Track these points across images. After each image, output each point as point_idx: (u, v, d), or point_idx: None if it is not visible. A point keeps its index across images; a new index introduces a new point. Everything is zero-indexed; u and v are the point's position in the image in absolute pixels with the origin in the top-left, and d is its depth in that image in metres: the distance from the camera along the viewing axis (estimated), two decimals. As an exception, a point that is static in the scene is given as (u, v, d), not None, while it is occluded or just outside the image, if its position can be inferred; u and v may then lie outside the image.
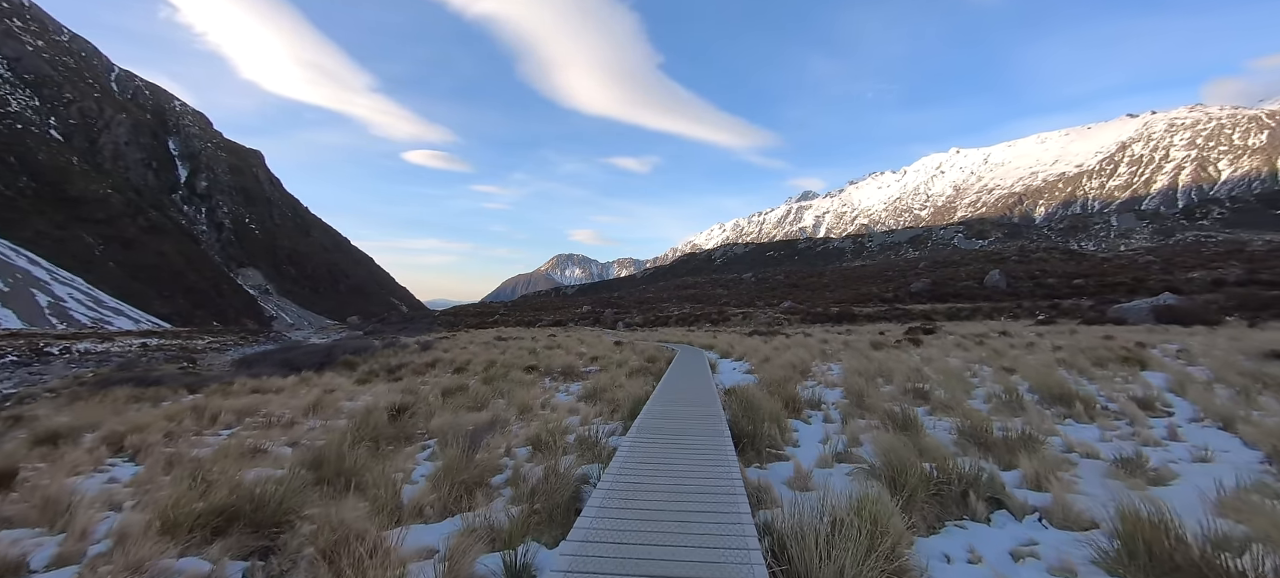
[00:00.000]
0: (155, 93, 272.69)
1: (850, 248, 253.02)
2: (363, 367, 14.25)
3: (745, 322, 50.72)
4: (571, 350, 18.18)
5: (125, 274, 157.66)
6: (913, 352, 13.64)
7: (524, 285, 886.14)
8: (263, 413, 6.68)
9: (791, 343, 17.90)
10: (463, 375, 11.33)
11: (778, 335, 23.47)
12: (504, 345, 21.37)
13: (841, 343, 16.94)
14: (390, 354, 16.95)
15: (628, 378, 9.69)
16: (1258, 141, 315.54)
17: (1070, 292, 54.93)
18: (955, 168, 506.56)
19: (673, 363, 12.91)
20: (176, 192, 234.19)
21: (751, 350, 15.89)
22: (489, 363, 12.64)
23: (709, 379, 9.18)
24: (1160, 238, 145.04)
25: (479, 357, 15.09)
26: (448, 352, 17.96)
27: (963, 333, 19.79)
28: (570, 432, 5.36)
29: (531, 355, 15.83)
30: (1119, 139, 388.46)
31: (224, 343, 78.90)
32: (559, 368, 12.10)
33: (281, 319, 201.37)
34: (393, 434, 5.12)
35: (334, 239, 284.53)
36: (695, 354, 16.50)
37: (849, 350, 14.05)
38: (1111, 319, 21.54)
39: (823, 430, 5.48)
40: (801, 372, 9.94)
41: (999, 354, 11.99)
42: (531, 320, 64.94)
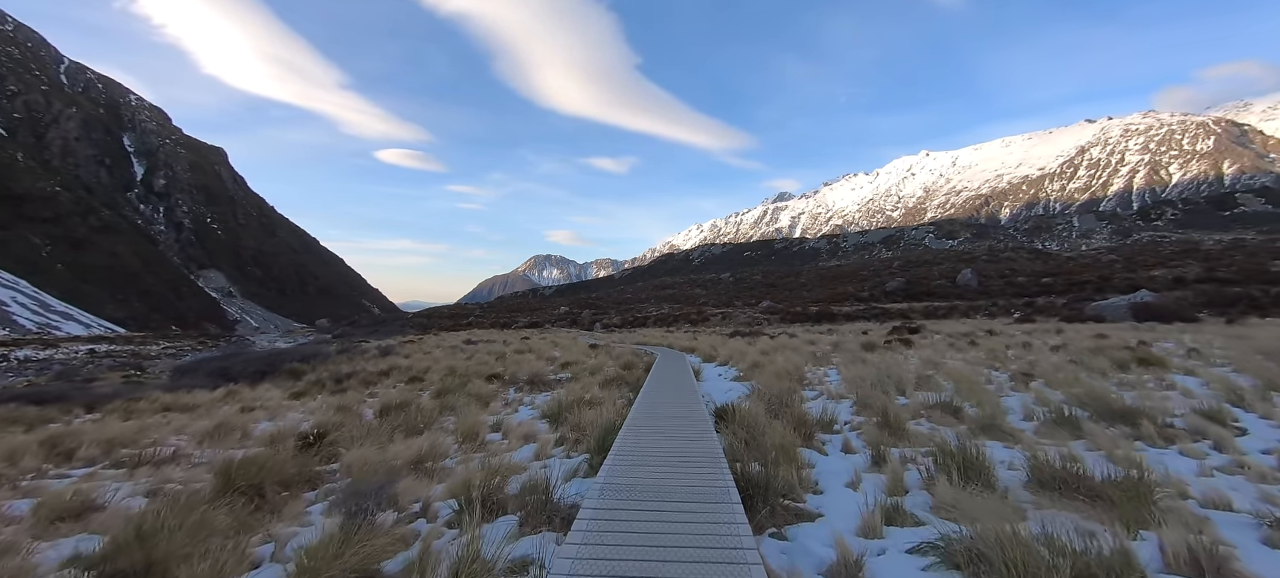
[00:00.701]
0: (109, 86, 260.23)
1: (825, 248, 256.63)
2: (309, 376, 12.75)
3: (725, 322, 50.04)
4: (543, 355, 16.93)
5: (75, 276, 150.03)
6: (905, 353, 12.84)
7: (501, 287, 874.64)
8: (146, 443, 5.32)
9: (777, 344, 17.00)
10: (416, 386, 10.03)
11: (760, 336, 22.62)
12: (471, 350, 19.94)
13: (830, 344, 16.05)
14: (343, 361, 15.43)
15: (601, 388, 8.54)
16: (1205, 146, 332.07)
17: (1039, 290, 55.99)
18: (925, 170, 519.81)
19: (652, 370, 11.73)
20: (132, 190, 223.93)
21: (736, 354, 14.81)
22: (448, 371, 11.27)
23: (695, 392, 7.97)
24: (1118, 238, 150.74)
25: (440, 363, 13.71)
26: (408, 358, 16.51)
27: (948, 332, 19.24)
28: (520, 471, 4.22)
29: (498, 361, 14.53)
30: (1078, 143, 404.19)
31: (180, 348, 75.06)
32: (526, 376, 10.88)
33: (246, 322, 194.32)
34: (291, 476, 3.88)
35: (302, 239, 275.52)
36: (676, 359, 15.15)
37: (841, 353, 13.14)
38: (1090, 317, 21.41)
39: (848, 466, 4.26)
40: (797, 379, 8.95)
41: (997, 355, 11.24)
42: (507, 322, 63.16)
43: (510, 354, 16.91)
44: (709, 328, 43.81)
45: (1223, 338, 12.99)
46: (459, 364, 13.19)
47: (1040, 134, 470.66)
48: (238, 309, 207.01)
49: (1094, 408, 4.96)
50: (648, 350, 19.39)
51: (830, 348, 14.59)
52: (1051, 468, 3.36)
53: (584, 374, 11.11)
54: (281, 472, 3.73)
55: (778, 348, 15.71)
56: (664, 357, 15.80)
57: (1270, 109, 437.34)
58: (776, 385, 7.23)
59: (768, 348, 15.50)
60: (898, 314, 35.95)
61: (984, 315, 31.21)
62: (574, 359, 14.80)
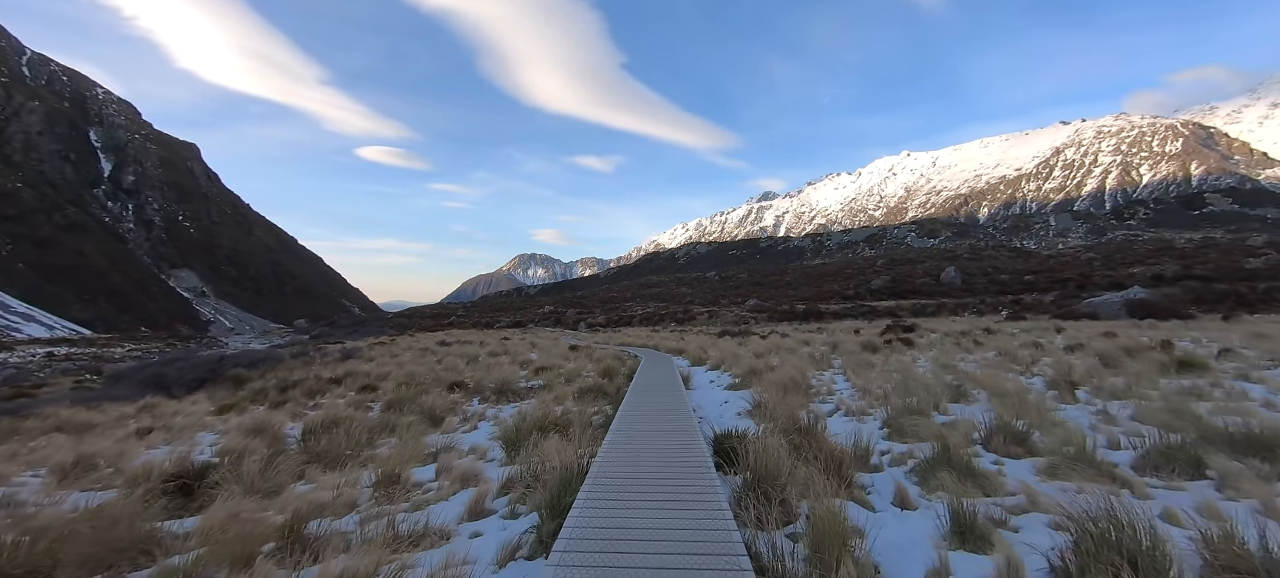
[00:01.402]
0: (74, 79, 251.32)
1: (810, 247, 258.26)
2: (254, 384, 11.37)
3: (711, 321, 49.17)
4: (518, 357, 15.68)
5: (39, 276, 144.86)
6: (909, 354, 11.89)
7: (485, 286, 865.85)
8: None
9: (770, 345, 15.97)
10: (368, 397, 8.77)
11: (750, 336, 21.61)
12: (443, 353, 18.57)
13: (826, 345, 15.02)
14: (297, 367, 14.01)
15: (576, 400, 7.40)
16: (1174, 148, 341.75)
17: (1022, 288, 56.24)
18: (906, 170, 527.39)
19: (636, 378, 10.51)
20: (99, 186, 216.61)
21: (728, 356, 13.56)
22: (405, 380, 9.97)
23: (685, 409, 6.57)
24: (1093, 236, 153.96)
25: (404, 368, 12.39)
26: (371, 361, 15.13)
27: (945, 331, 18.41)
28: (441, 541, 3.00)
29: (468, 366, 13.26)
30: (1053, 145, 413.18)
31: (146, 350, 72.15)
32: (493, 384, 9.64)
33: (220, 323, 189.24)
34: (122, 543, 2.67)
35: (279, 238, 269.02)
36: (662, 362, 13.85)
37: (841, 355, 12.13)
38: (1084, 314, 20.86)
39: (917, 535, 2.92)
40: (804, 390, 7.67)
41: (1013, 356, 10.30)
42: (489, 322, 61.57)
43: (484, 357, 15.62)
44: (696, 327, 42.90)
45: (1238, 335, 12.26)
46: (423, 370, 11.90)
47: (1017, 136, 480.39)
48: (211, 310, 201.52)
49: (1196, 431, 3.91)
50: (632, 353, 18.02)
51: (827, 349, 13.59)
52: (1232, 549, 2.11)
53: (559, 382, 9.94)
54: (105, 539, 2.54)
55: (771, 349, 14.79)
56: (649, 361, 14.53)
57: (1235, 112, 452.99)
58: (783, 402, 6.10)
59: (761, 349, 14.55)
60: (886, 312, 35.40)
61: (972, 313, 30.74)
62: (551, 363, 13.50)
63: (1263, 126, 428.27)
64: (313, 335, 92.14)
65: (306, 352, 17.84)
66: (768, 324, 34.77)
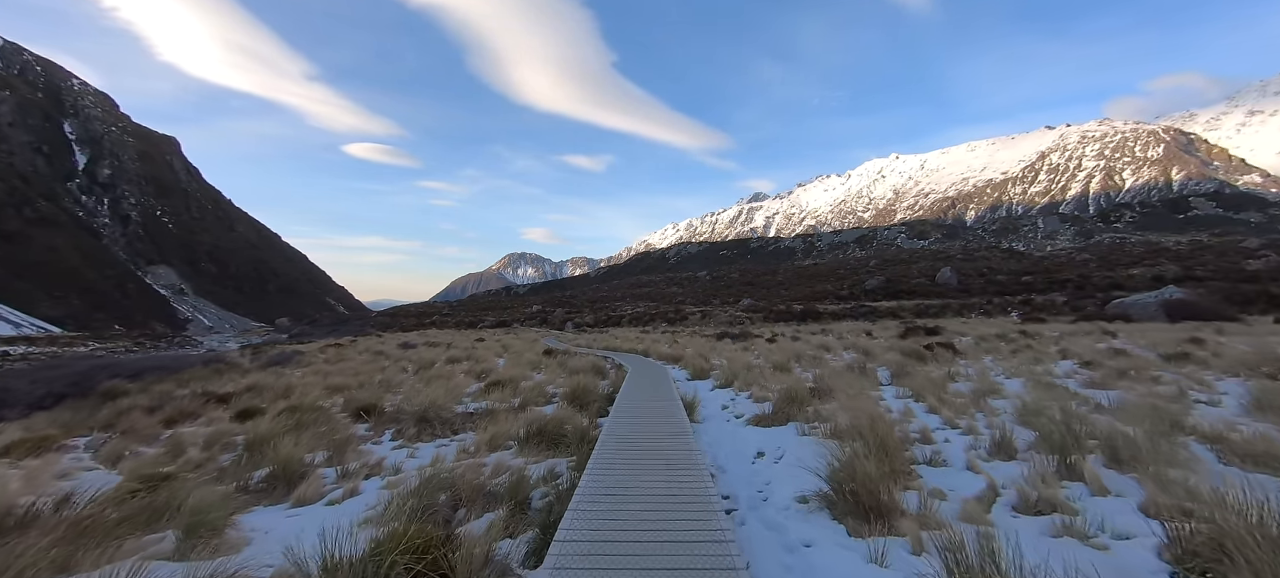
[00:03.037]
0: (49, 69, 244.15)
1: (800, 247, 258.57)
2: (123, 401, 9.37)
3: (705, 321, 47.72)
4: (482, 362, 13.82)
5: (7, 272, 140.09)
6: (962, 364, 10.24)
7: (474, 285, 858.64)
8: None
9: (780, 349, 14.27)
10: (246, 423, 6.85)
11: (752, 338, 20.00)
12: (399, 356, 16.60)
13: (858, 350, 12.98)
14: (204, 376, 12.03)
15: (520, 448, 5.49)
16: (1155, 154, 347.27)
17: (1020, 288, 55.52)
18: (895, 173, 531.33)
19: (619, 400, 7.70)
20: (73, 180, 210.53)
21: (739, 367, 10.80)
22: (289, 408, 7.23)
23: (702, 487, 3.81)
24: (1081, 239, 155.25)
25: (331, 381, 10.29)
26: (305, 368, 13.23)
27: (977, 335, 16.67)
28: None
29: (418, 374, 11.43)
30: (1039, 149, 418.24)
31: (112, 350, 69.14)
32: (418, 410, 7.09)
33: (198, 322, 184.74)
34: None
35: (262, 235, 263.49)
36: (654, 376, 10.80)
37: (881, 364, 10.29)
38: (1115, 316, 19.57)
39: None
40: (892, 448, 4.18)
41: (1121, 373, 8.04)
42: (474, 321, 59.71)
43: (439, 365, 13.51)
44: (689, 328, 41.42)
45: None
46: (354, 381, 9.98)
47: (1003, 139, 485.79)
48: (189, 307, 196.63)
49: None
50: (617, 360, 15.26)
51: (858, 355, 11.63)
52: None
53: (508, 410, 7.40)
54: None
55: (788, 356, 12.50)
56: (638, 372, 11.42)
57: (1213, 119, 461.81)
58: (879, 467, 3.49)
59: (776, 356, 12.43)
60: (887, 313, 34.19)
61: (979, 314, 29.58)
62: (512, 376, 10.68)
63: (1240, 133, 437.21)
64: (292, 334, 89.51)
65: (218, 360, 15.84)
66: (765, 325, 33.34)
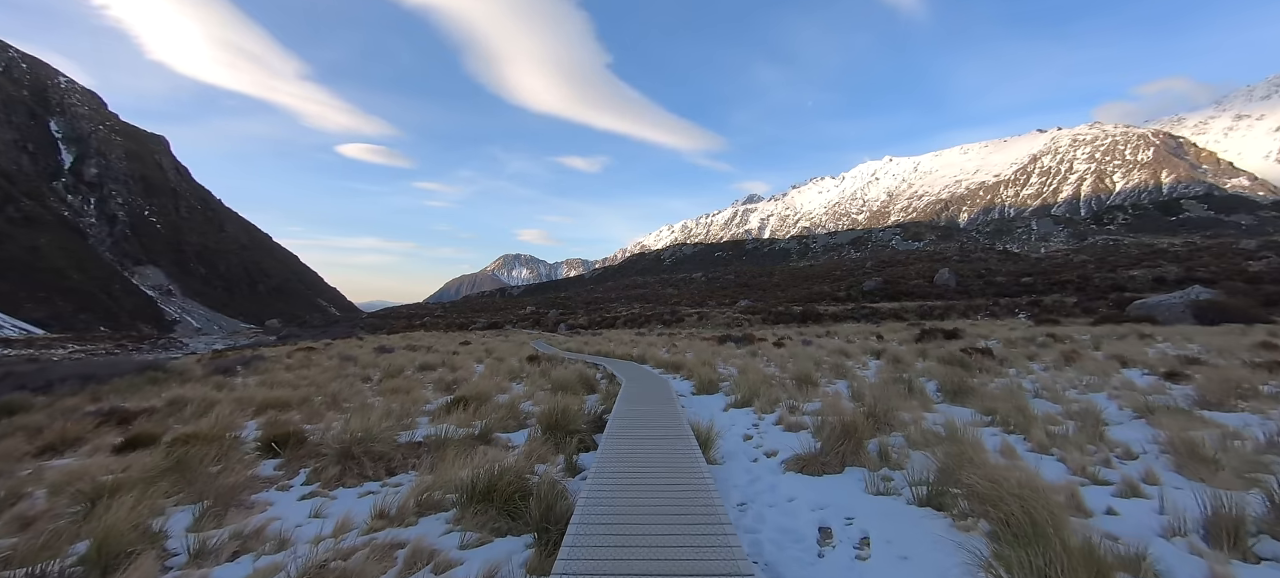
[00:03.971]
0: (34, 66, 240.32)
1: (795, 249, 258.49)
2: (19, 418, 8.17)
3: (702, 322, 46.69)
4: (457, 371, 12.61)
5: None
6: (1009, 373, 9.17)
7: (469, 286, 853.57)
8: None
9: (789, 354, 13.11)
10: (128, 456, 5.64)
11: (757, 342, 18.88)
12: (367, 362, 15.28)
13: (884, 356, 11.88)
14: (126, 386, 10.77)
15: (457, 515, 3.37)
16: (1145, 157, 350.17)
17: (1019, 289, 54.92)
18: (888, 175, 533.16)
19: (610, 428, 5.81)
20: (59, 179, 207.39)
21: (754, 379, 8.88)
22: (190, 438, 5.83)
23: None
24: (1074, 240, 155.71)
25: (273, 394, 8.86)
26: (258, 377, 12.01)
27: (1005, 338, 15.47)
28: None
29: (384, 383, 10.26)
30: (1031, 152, 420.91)
31: (91, 352, 67.30)
32: (347, 439, 5.35)
33: (186, 323, 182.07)
34: None
35: (252, 235, 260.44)
36: (654, 389, 8.75)
37: (928, 376, 9.00)
38: (1139, 318, 18.62)
39: None
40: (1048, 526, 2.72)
41: (1222, 385, 6.83)
42: (464, 323, 58.41)
43: (410, 372, 12.20)
44: (685, 329, 40.40)
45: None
46: (294, 394, 8.66)
47: (996, 142, 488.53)
48: (178, 309, 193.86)
49: None
50: (610, 369, 13.02)
51: (889, 363, 10.33)
52: None
53: (459, 447, 5.54)
54: None
55: (804, 363, 10.68)
56: (634, 384, 9.32)
57: (1202, 123, 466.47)
58: None
59: (792, 365, 10.84)
60: (890, 315, 33.31)
61: (985, 316, 28.72)
62: (481, 390, 8.76)
63: (1227, 137, 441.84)
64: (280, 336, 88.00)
65: (156, 365, 14.61)
66: (765, 327, 32.34)
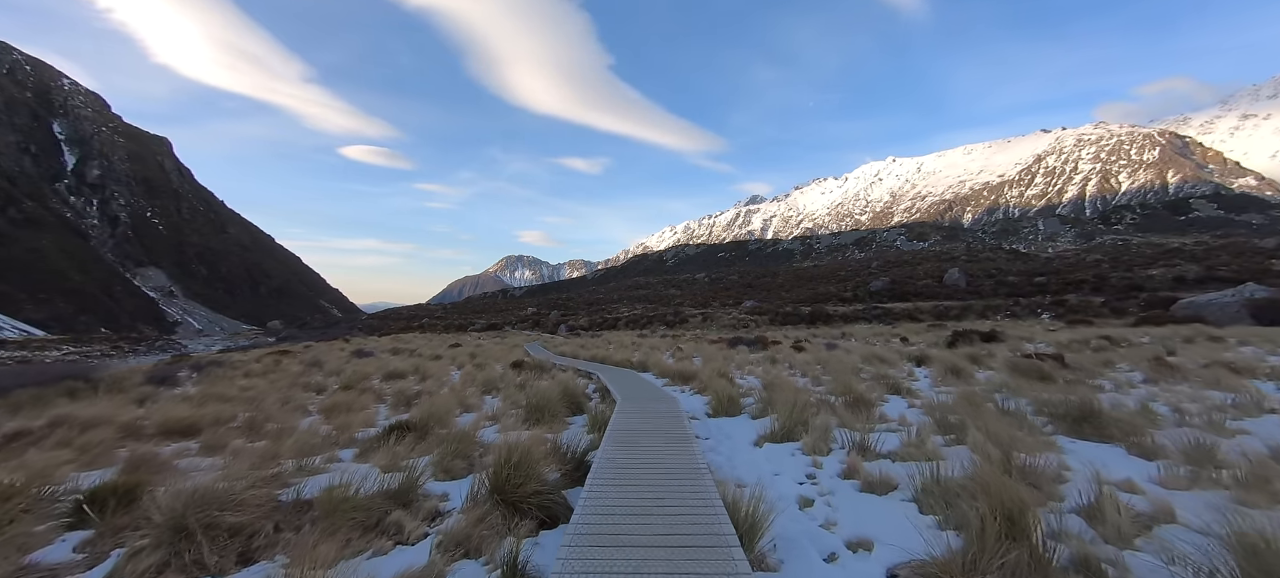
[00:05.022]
0: (38, 69, 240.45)
1: (799, 249, 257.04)
2: None
3: (707, 323, 45.40)
4: (427, 379, 11.18)
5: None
6: (1094, 385, 7.75)
7: (472, 287, 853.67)
8: None
9: (815, 360, 11.51)
10: None
11: (771, 345, 17.39)
12: (335, 369, 13.84)
13: (947, 362, 9.82)
14: (25, 400, 9.46)
15: None
16: (1151, 157, 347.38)
17: (1033, 289, 53.46)
18: (892, 176, 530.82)
19: (591, 486, 3.75)
20: (62, 180, 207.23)
21: (788, 396, 6.93)
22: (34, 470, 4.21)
23: None
24: (1082, 240, 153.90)
25: (180, 413, 7.30)
26: (201, 386, 10.74)
27: (1054, 342, 13.93)
28: None
29: (342, 392, 8.94)
30: (1035, 152, 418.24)
31: (86, 353, 66.49)
32: (195, 507, 3.19)
33: (188, 325, 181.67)
34: None
35: (254, 237, 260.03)
36: (659, 412, 6.79)
37: (1004, 391, 7.26)
38: (1188, 318, 17.22)
39: None
40: None
41: None
42: (463, 324, 57.29)
43: (376, 382, 11.07)
44: (690, 331, 39.11)
45: None
46: (207, 415, 7.27)
47: (1000, 142, 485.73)
48: (179, 310, 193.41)
49: None
50: (606, 377, 11.04)
51: (941, 371, 8.63)
52: None
53: (355, 513, 3.53)
54: None
55: (840, 373, 8.86)
56: (633, 403, 7.39)
57: (1207, 123, 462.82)
58: None
59: (829, 377, 8.98)
60: (903, 315, 31.97)
61: (1005, 316, 27.37)
62: (442, 408, 6.98)
63: (1233, 137, 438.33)
64: (280, 337, 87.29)
65: (99, 371, 13.32)
66: (774, 328, 31.00)
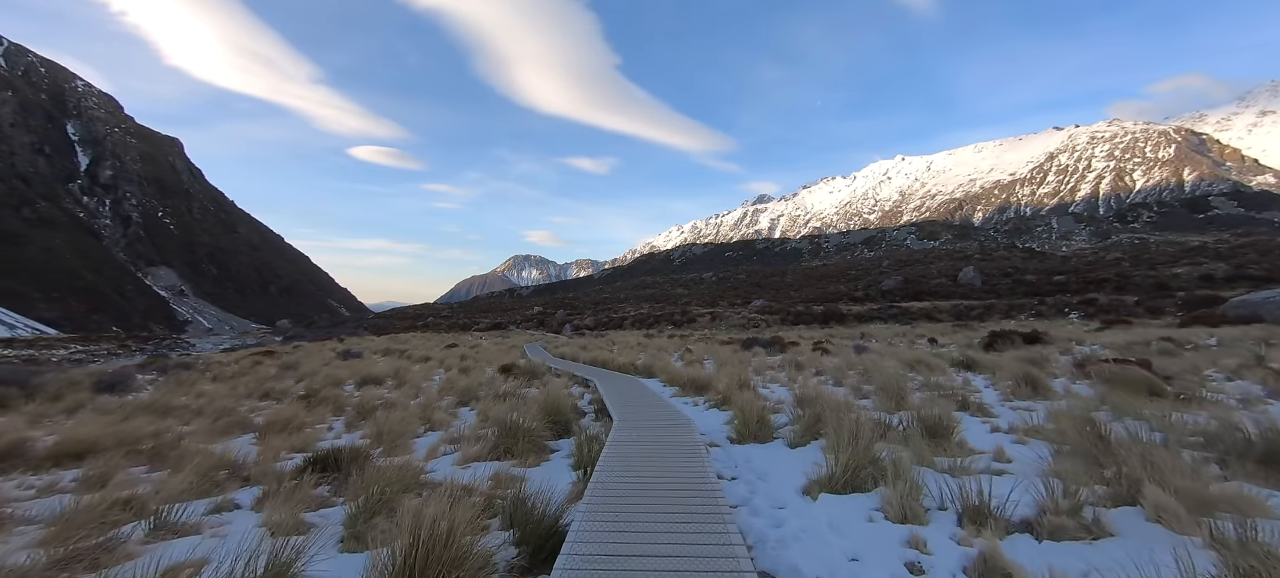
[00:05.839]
0: (52, 71, 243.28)
1: (807, 248, 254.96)
2: None
3: (715, 323, 44.30)
4: (402, 385, 10.14)
5: (4, 273, 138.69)
6: (1203, 398, 6.52)
7: (479, 287, 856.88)
8: None
9: (845, 363, 9.91)
10: None
11: (790, 346, 16.00)
12: (308, 372, 12.76)
13: (1015, 371, 8.13)
14: None
15: None
16: (1166, 154, 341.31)
17: (1052, 289, 51.90)
18: (901, 174, 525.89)
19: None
20: (75, 181, 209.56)
21: (836, 418, 4.69)
22: None
23: None
24: (1097, 239, 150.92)
25: (86, 434, 6.21)
26: (140, 395, 9.84)
27: (1107, 343, 12.65)
28: None
29: (284, 405, 7.93)
30: (1047, 150, 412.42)
31: (93, 352, 66.34)
32: None
33: (198, 323, 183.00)
34: None
35: (264, 236, 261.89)
36: (667, 445, 4.86)
37: (1111, 408, 5.44)
38: (1246, 317, 15.94)
39: None
40: None
41: None
42: (467, 324, 56.64)
43: (345, 393, 9.83)
44: (698, 331, 38.04)
45: None
46: (110, 433, 6.26)
47: (1011, 140, 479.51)
48: (190, 309, 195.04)
49: None
50: (605, 387, 9.29)
51: (1013, 382, 7.20)
52: None
53: None
54: None
55: (884, 386, 7.29)
56: (630, 431, 5.53)
57: (1224, 120, 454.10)
58: None
59: (875, 393, 7.25)
60: (921, 315, 30.72)
61: (1031, 316, 26.08)
62: (398, 428, 6.11)
63: (1252, 134, 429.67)
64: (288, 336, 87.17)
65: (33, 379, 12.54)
66: (786, 328, 29.86)
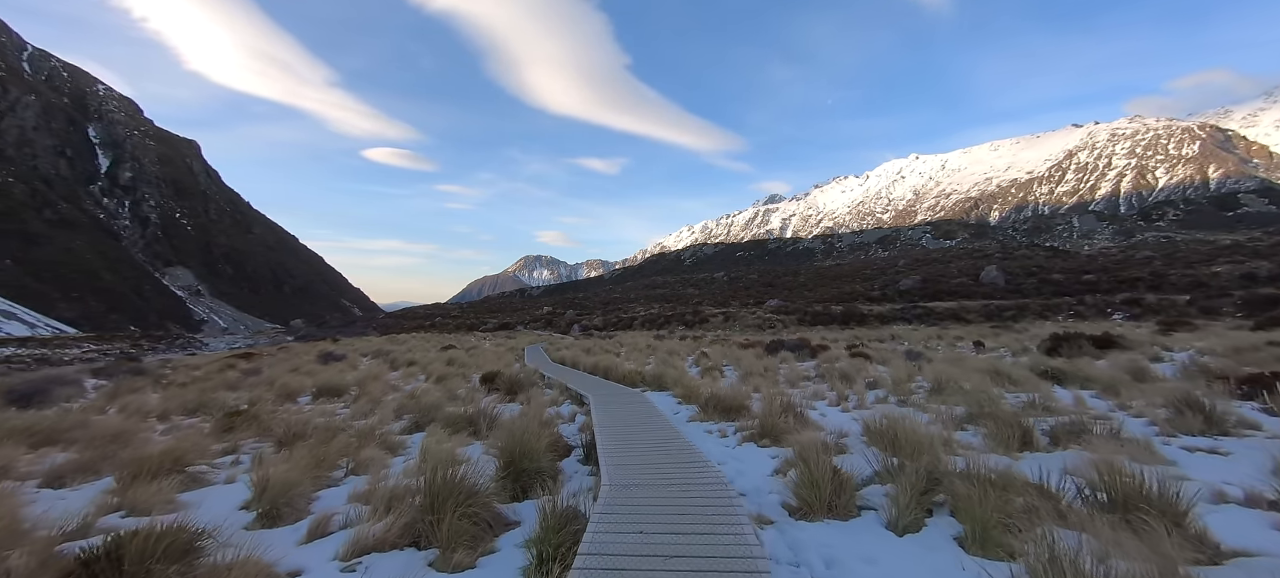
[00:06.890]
0: (75, 75, 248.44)
1: (820, 248, 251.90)
2: None
3: (729, 323, 42.91)
4: (360, 398, 8.90)
5: (26, 273, 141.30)
6: None
7: (491, 287, 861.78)
8: None
9: (913, 374, 8.04)
10: None
11: (821, 350, 14.08)
12: (274, 378, 11.52)
13: (1174, 389, 5.72)
14: None
15: None
16: (1190, 151, 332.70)
17: (1083, 288, 49.80)
18: (915, 173, 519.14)
19: None
20: (95, 183, 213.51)
21: (965, 489, 3.05)
22: None
23: None
24: (1121, 238, 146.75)
25: None
26: (87, 402, 8.83)
27: (1208, 347, 11.26)
28: None
29: (198, 424, 6.78)
30: (1066, 147, 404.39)
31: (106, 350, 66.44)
32: None
33: (214, 323, 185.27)
34: None
35: (279, 237, 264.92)
36: (681, 534, 2.89)
37: None
38: None
39: None
40: None
41: None
42: (475, 323, 55.89)
43: (290, 408, 8.15)
44: (711, 331, 36.69)
45: None
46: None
47: (1027, 138, 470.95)
48: (206, 309, 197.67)
49: None
50: (601, 411, 7.46)
51: (1180, 411, 5.29)
52: None
53: None
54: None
55: (982, 403, 5.87)
56: (624, 493, 3.53)
57: (1250, 116, 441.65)
58: None
59: (987, 417, 3.95)
60: (948, 316, 29.12)
61: (1068, 316, 24.46)
62: (290, 479, 3.45)
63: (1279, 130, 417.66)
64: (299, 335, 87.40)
65: None
66: (804, 329, 28.42)
